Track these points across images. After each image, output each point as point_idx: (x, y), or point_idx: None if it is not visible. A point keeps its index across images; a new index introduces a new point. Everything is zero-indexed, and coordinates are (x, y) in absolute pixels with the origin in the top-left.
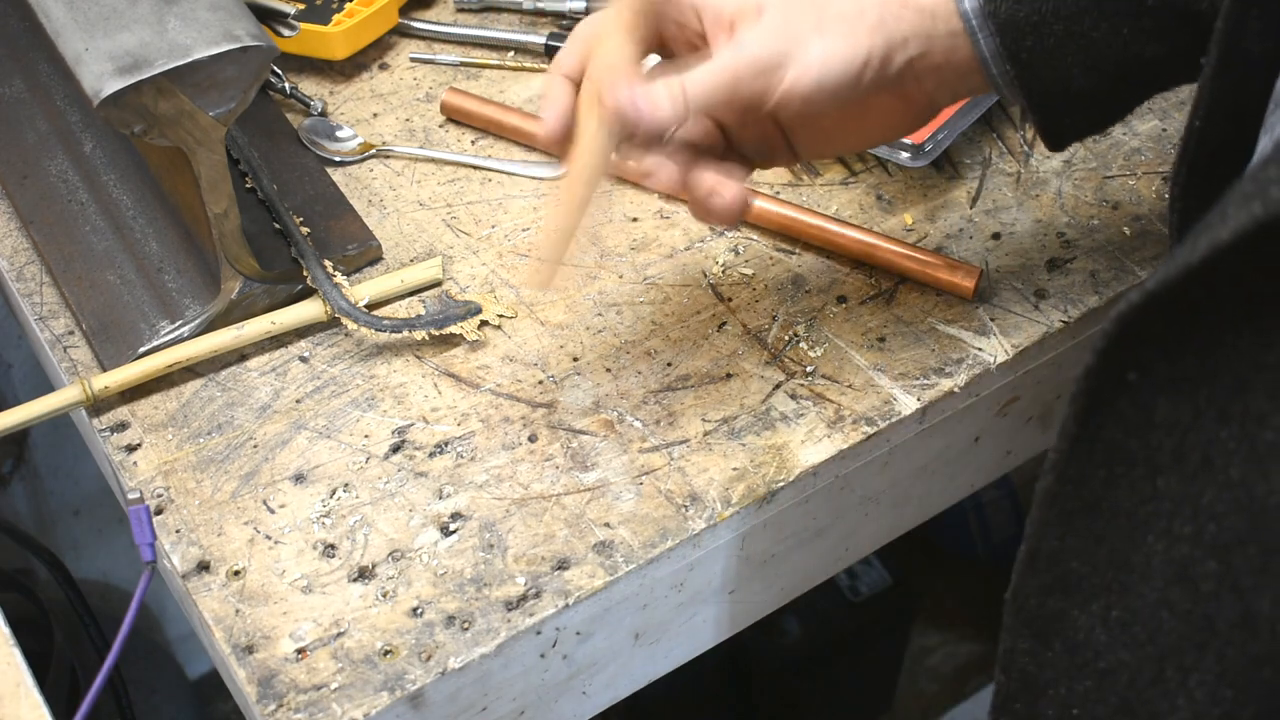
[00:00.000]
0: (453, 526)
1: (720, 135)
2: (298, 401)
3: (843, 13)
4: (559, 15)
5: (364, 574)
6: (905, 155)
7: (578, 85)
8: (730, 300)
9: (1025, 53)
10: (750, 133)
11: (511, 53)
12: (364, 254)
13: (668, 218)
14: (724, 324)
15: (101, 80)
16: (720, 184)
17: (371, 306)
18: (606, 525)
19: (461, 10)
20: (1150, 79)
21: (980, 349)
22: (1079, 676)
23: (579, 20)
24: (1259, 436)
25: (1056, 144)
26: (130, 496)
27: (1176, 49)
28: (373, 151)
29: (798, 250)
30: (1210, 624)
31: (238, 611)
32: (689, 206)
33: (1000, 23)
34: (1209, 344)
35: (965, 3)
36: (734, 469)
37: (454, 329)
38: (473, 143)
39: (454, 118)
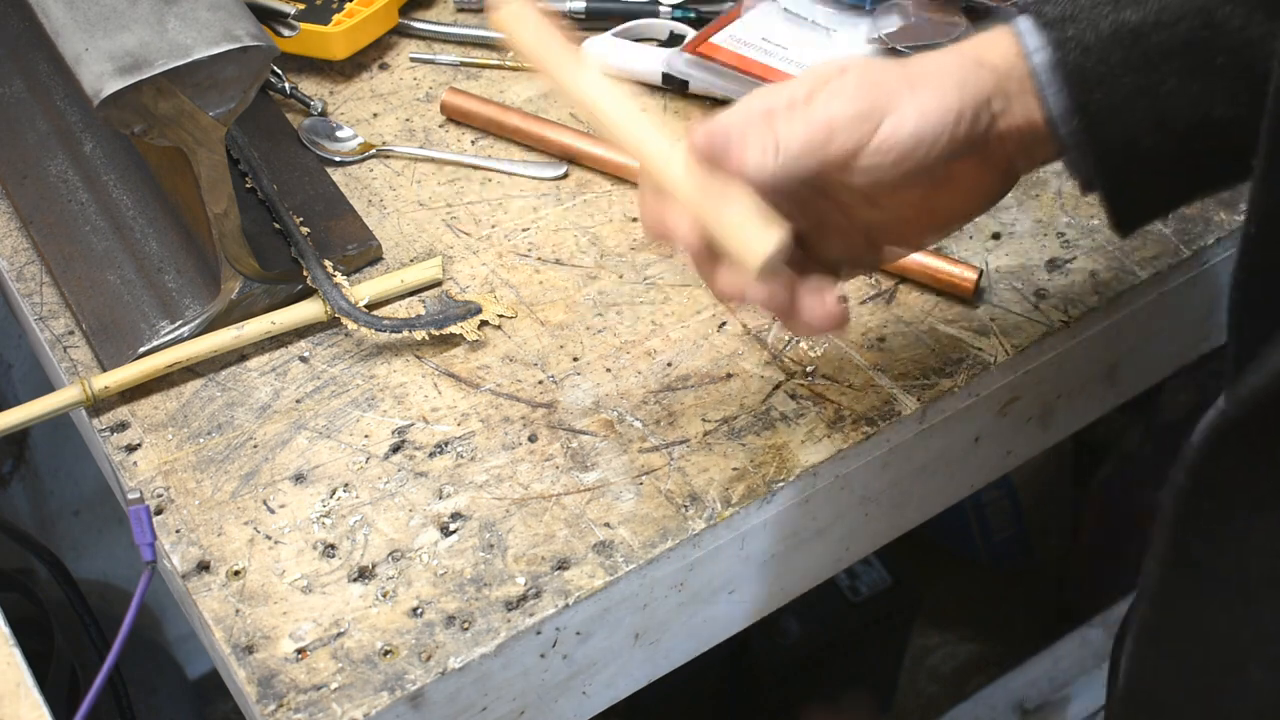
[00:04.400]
0: (453, 526)
1: (798, 248)
2: (298, 401)
3: (926, 72)
4: (559, 15)
5: (364, 574)
6: None
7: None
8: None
9: (1093, 105)
10: (830, 232)
11: (511, 53)
12: (364, 254)
13: None
14: (724, 324)
15: (101, 80)
16: (814, 295)
17: (371, 306)
18: (606, 525)
19: (462, 10)
20: (1220, 144)
21: (980, 349)
22: None
23: (579, 20)
24: None
25: (1124, 219)
26: (130, 496)
27: (1247, 114)
28: (373, 151)
29: None
30: None
31: (238, 611)
32: (785, 321)
33: (1068, 73)
34: None
35: (1035, 58)
36: (734, 469)
37: (454, 329)
38: (473, 143)
39: (454, 118)
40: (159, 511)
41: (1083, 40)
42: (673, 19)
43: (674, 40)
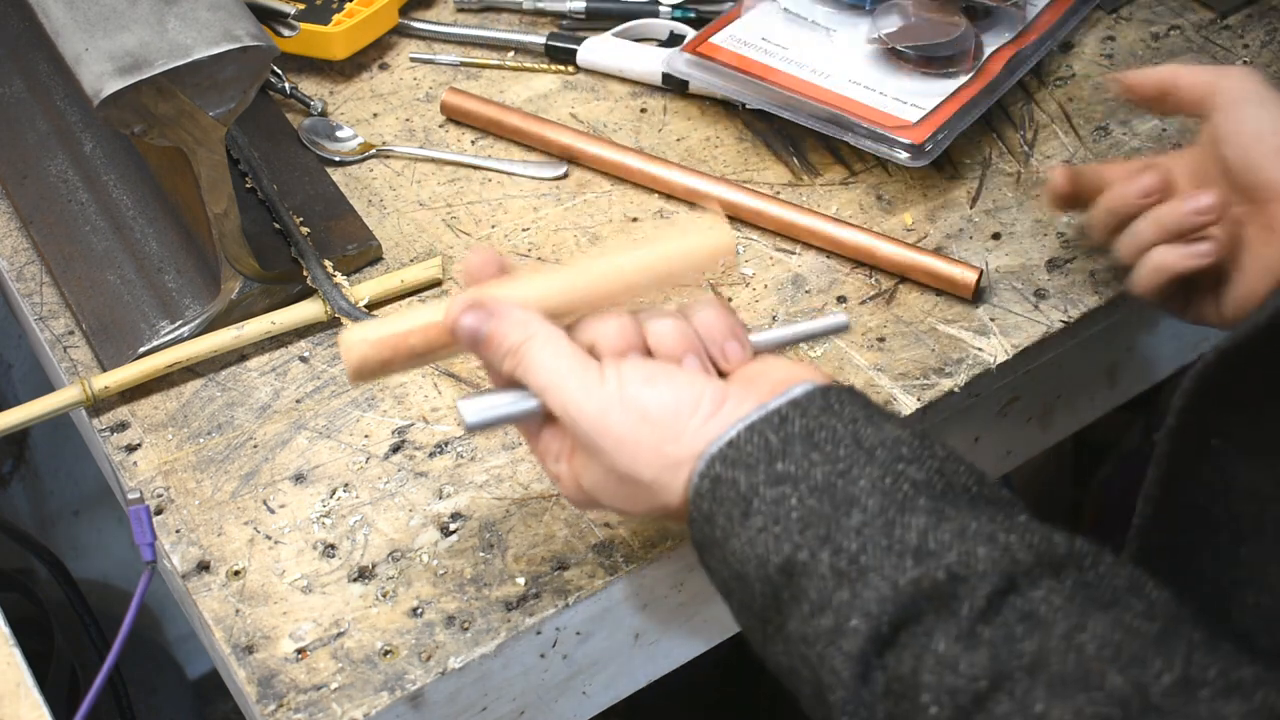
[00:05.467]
0: (453, 526)
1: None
2: (298, 401)
3: None
4: (559, 15)
5: (364, 574)
6: (904, 155)
7: None
8: (730, 300)
9: None
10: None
11: (511, 53)
12: (364, 254)
13: (668, 218)
14: None
15: (101, 80)
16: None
17: (371, 306)
18: (606, 525)
19: (462, 10)
20: None
21: (980, 349)
22: None
23: (579, 20)
24: None
25: None
26: (130, 496)
27: None
28: (373, 151)
29: (798, 250)
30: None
31: (238, 611)
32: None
33: None
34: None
35: None
36: None
37: None
38: (473, 143)
39: (454, 117)
40: (159, 511)
41: None
42: (672, 19)
43: (674, 40)
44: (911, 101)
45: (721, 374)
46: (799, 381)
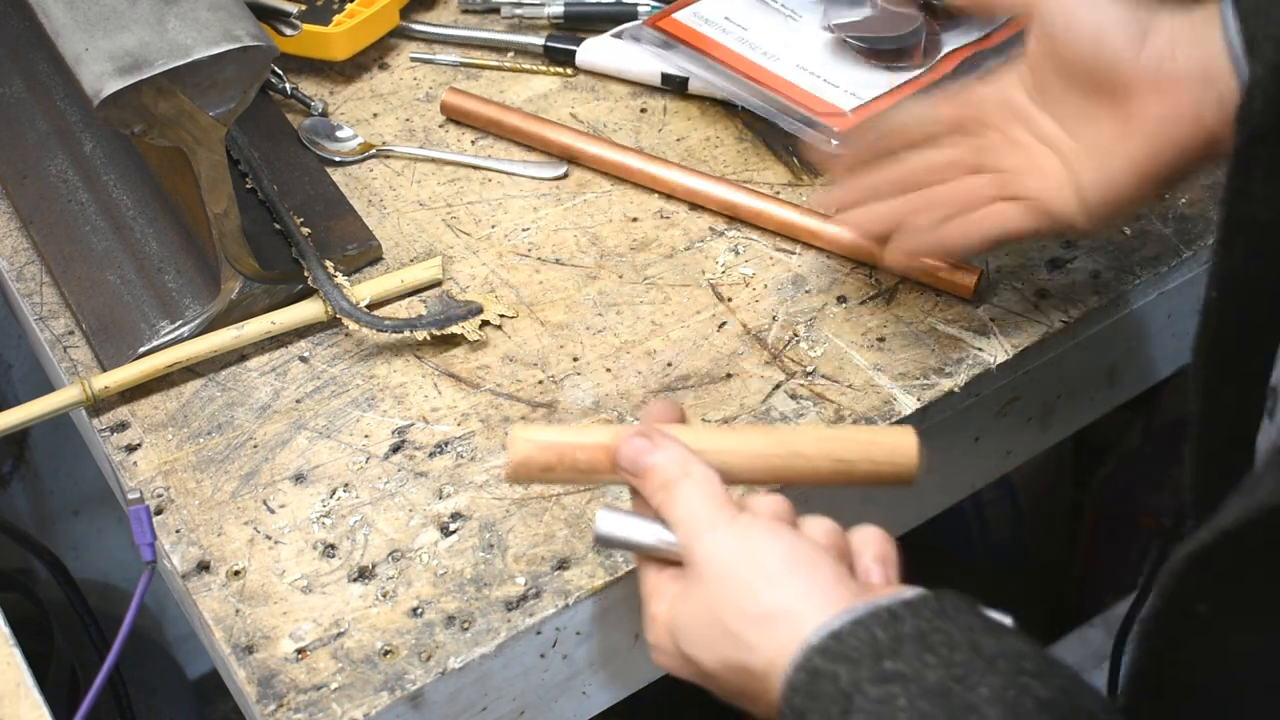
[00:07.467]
0: (453, 526)
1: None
2: (298, 401)
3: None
4: (537, 19)
5: (364, 574)
6: (833, 143)
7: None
8: (730, 300)
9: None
10: None
11: (511, 54)
12: (364, 254)
13: (668, 218)
14: (724, 324)
15: (101, 80)
16: None
17: (372, 306)
18: None
19: (466, 11)
20: None
21: (980, 349)
22: None
23: (558, 24)
24: None
25: None
26: (130, 496)
27: None
28: (373, 151)
29: (798, 250)
30: None
31: (238, 611)
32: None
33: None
34: (1272, 579)
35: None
36: None
37: (455, 329)
38: (473, 143)
39: (454, 117)
40: (159, 511)
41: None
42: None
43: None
44: (852, 90)
45: None
46: (912, 588)
